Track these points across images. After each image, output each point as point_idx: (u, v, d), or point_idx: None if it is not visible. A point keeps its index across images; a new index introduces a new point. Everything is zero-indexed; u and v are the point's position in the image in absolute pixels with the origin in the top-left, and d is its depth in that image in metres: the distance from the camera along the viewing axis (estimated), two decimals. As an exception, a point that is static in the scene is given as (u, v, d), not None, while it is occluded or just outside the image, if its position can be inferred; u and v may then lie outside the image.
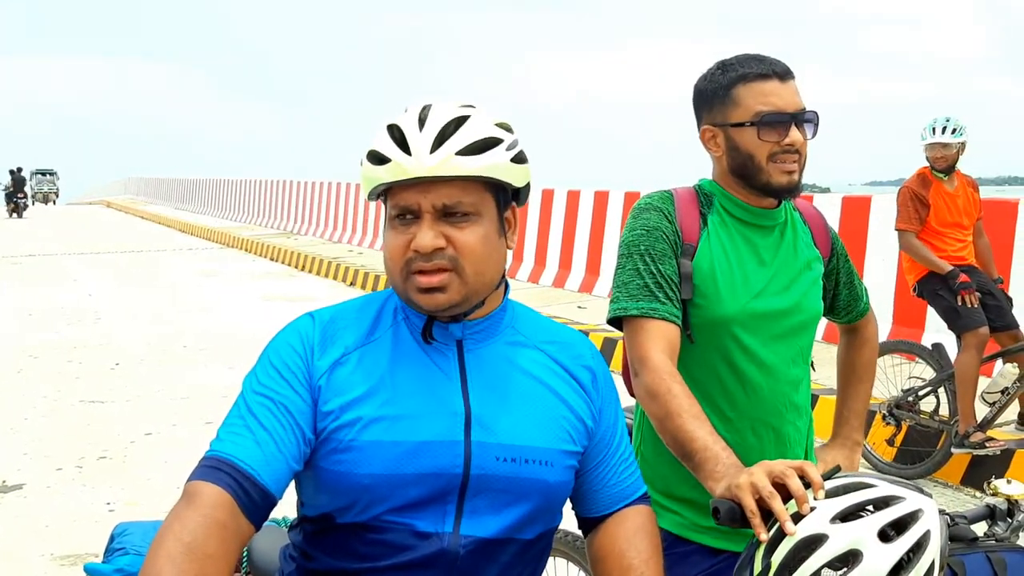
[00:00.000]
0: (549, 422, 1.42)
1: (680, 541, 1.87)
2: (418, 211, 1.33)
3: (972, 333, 4.74)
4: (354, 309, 1.46)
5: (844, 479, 1.35)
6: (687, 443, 1.57)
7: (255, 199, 25.89)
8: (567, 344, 1.50)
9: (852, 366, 2.18)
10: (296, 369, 1.36)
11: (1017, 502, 1.73)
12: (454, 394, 1.39)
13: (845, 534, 1.25)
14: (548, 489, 1.40)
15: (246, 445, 1.29)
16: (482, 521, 1.36)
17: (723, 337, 1.83)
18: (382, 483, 1.32)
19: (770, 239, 1.89)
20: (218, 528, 1.21)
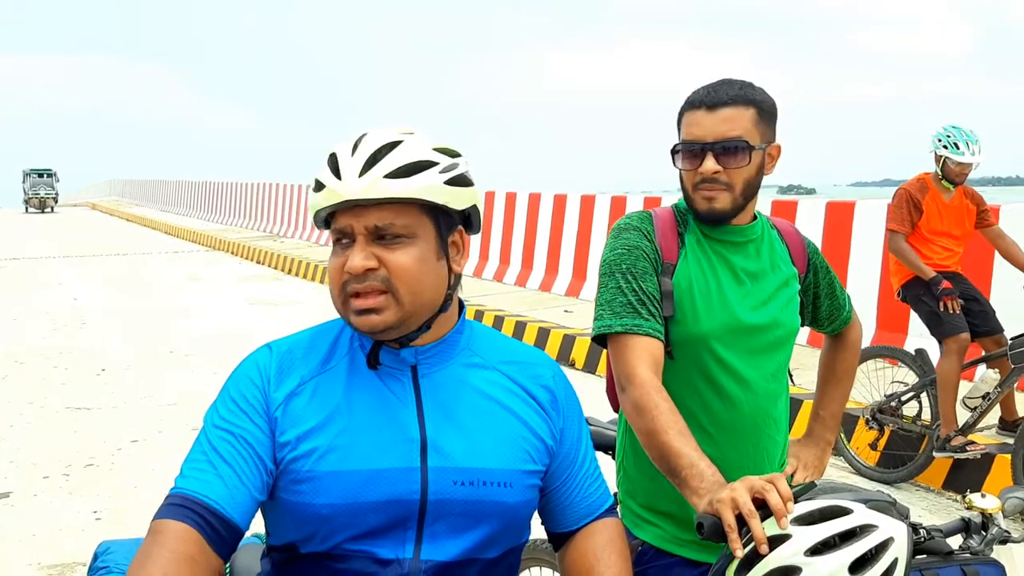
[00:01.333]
0: (507, 443, 1.43)
1: (662, 554, 1.91)
2: (352, 234, 1.36)
3: (953, 338, 4.80)
4: (310, 338, 1.47)
5: (822, 502, 1.38)
6: (673, 459, 1.60)
7: (241, 202, 25.81)
8: (526, 364, 1.51)
9: (833, 369, 2.24)
10: (254, 401, 1.38)
11: (991, 515, 1.77)
12: (409, 420, 1.40)
13: (819, 568, 1.31)
14: (508, 510, 1.41)
15: (209, 480, 1.31)
16: (442, 545, 1.37)
17: (702, 353, 1.87)
18: (340, 512, 1.34)
19: (746, 256, 1.92)
20: (188, 562, 1.24)
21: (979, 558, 1.64)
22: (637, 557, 1.93)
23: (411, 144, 1.38)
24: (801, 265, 2.03)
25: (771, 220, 2.05)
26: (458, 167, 1.40)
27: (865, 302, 7.53)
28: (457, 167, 1.40)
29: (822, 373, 2.26)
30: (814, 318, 2.14)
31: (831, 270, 2.14)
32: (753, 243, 1.94)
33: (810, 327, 2.18)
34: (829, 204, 8.29)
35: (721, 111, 1.81)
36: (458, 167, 1.40)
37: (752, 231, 1.93)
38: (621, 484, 2.02)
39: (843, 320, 2.17)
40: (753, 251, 1.93)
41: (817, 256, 2.09)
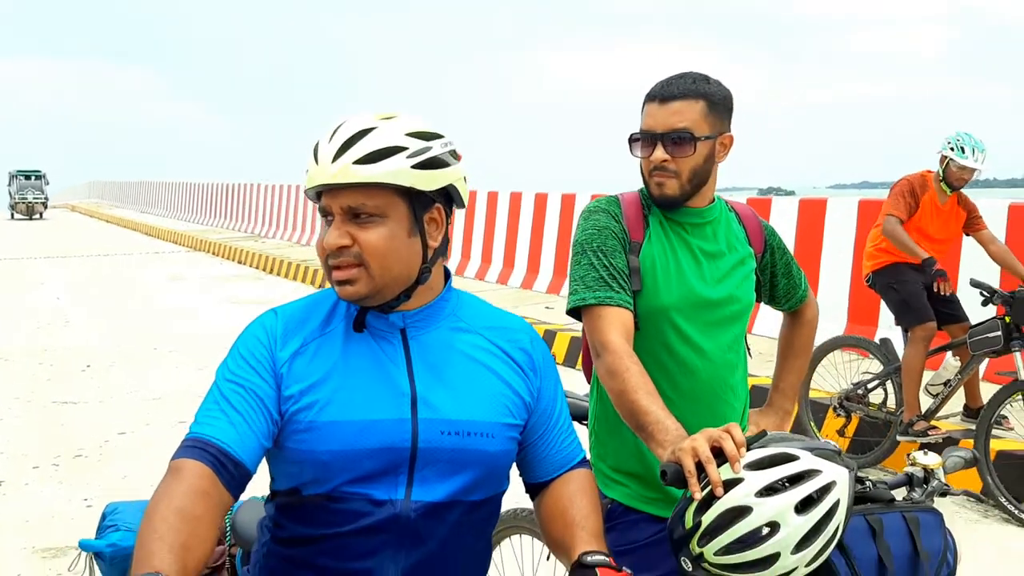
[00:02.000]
0: (489, 399, 1.57)
1: (629, 511, 2.06)
2: (331, 213, 1.50)
3: (920, 327, 4.99)
4: (311, 304, 1.62)
5: (772, 449, 1.53)
6: (641, 416, 1.76)
7: (222, 202, 25.83)
8: (506, 329, 1.65)
9: (791, 344, 2.40)
10: (262, 358, 1.52)
11: (933, 471, 1.94)
12: (400, 377, 1.54)
13: (767, 507, 1.46)
14: (490, 458, 1.55)
15: (222, 426, 1.45)
16: (431, 488, 1.51)
17: (664, 324, 2.02)
18: (339, 458, 1.48)
19: (703, 237, 2.07)
20: (203, 495, 1.37)
21: (918, 506, 1.79)
22: (607, 515, 2.08)
23: (384, 130, 1.50)
24: (758, 246, 2.18)
25: (730, 204, 2.20)
26: (430, 150, 1.52)
27: (837, 295, 7.74)
28: (429, 150, 1.52)
29: (781, 348, 2.42)
30: (772, 296, 2.29)
31: (788, 251, 2.29)
32: (710, 225, 2.09)
33: (768, 304, 2.33)
34: (802, 202, 8.50)
35: (671, 104, 1.95)
36: (430, 150, 1.52)
37: (709, 214, 2.08)
38: (593, 448, 2.17)
39: (799, 298, 2.32)
40: (710, 232, 2.08)
41: (774, 238, 2.24)
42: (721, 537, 1.47)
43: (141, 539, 1.31)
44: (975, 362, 4.95)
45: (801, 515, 1.46)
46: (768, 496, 1.47)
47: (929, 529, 1.74)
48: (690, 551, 1.51)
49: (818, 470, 1.50)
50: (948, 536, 1.78)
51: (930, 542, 1.73)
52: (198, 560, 1.32)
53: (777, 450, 1.53)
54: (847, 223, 7.86)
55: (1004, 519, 4.54)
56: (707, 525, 1.48)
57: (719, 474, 1.49)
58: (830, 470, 1.51)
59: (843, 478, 1.51)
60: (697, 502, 1.50)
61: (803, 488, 1.47)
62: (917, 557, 1.70)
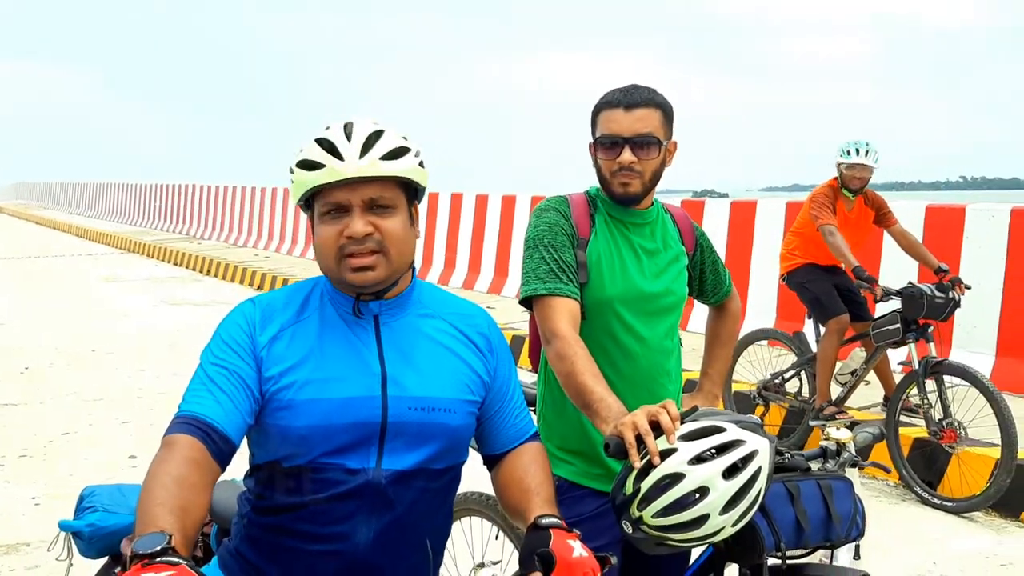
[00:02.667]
0: (451, 377, 1.74)
1: (575, 487, 2.24)
2: (348, 206, 1.64)
3: (834, 320, 5.33)
4: (288, 294, 1.76)
5: (703, 422, 1.74)
6: (587, 395, 1.95)
7: (155, 204, 25.46)
8: (466, 315, 1.83)
9: (717, 334, 2.61)
10: (243, 342, 1.66)
11: (844, 444, 2.17)
12: (372, 359, 1.69)
13: (699, 474, 1.66)
14: (452, 431, 1.72)
15: (209, 404, 1.59)
16: (399, 457, 1.67)
17: (608, 314, 2.21)
18: (317, 432, 1.63)
19: (644, 236, 2.26)
20: (196, 464, 1.52)
21: (832, 474, 2.04)
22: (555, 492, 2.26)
23: (391, 133, 1.69)
24: (690, 244, 2.39)
25: (665, 206, 2.40)
26: (421, 153, 1.74)
27: (767, 292, 8.07)
28: (420, 153, 1.74)
29: (708, 338, 2.63)
30: (700, 291, 2.50)
31: (714, 250, 2.51)
32: (650, 225, 2.29)
33: (697, 299, 2.54)
34: (733, 204, 8.82)
35: (636, 111, 2.14)
36: (421, 153, 1.74)
37: (649, 215, 2.29)
38: (541, 429, 2.34)
39: (724, 293, 2.54)
40: (649, 232, 2.28)
41: (703, 238, 2.46)
42: (658, 501, 1.66)
43: (142, 505, 1.44)
44: (879, 352, 5.30)
45: (728, 480, 1.65)
46: (699, 464, 1.66)
47: (841, 495, 1.98)
48: (630, 515, 1.70)
49: (743, 440, 1.70)
50: (857, 501, 2.01)
51: (842, 506, 1.96)
52: (195, 522, 1.46)
53: (707, 423, 1.72)
54: (775, 224, 8.19)
55: (919, 502, 4.85)
56: (645, 491, 1.67)
57: (656, 445, 1.68)
58: (753, 440, 1.71)
59: (765, 447, 1.71)
60: (637, 470, 1.69)
61: (730, 456, 1.67)
62: (830, 519, 1.93)
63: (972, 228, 6.81)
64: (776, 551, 1.85)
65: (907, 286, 5.01)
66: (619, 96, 2.17)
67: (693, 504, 1.65)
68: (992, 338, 6.51)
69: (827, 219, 5.28)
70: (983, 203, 7.04)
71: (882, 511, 4.72)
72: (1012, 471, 4.47)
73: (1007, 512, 4.64)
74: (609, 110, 2.17)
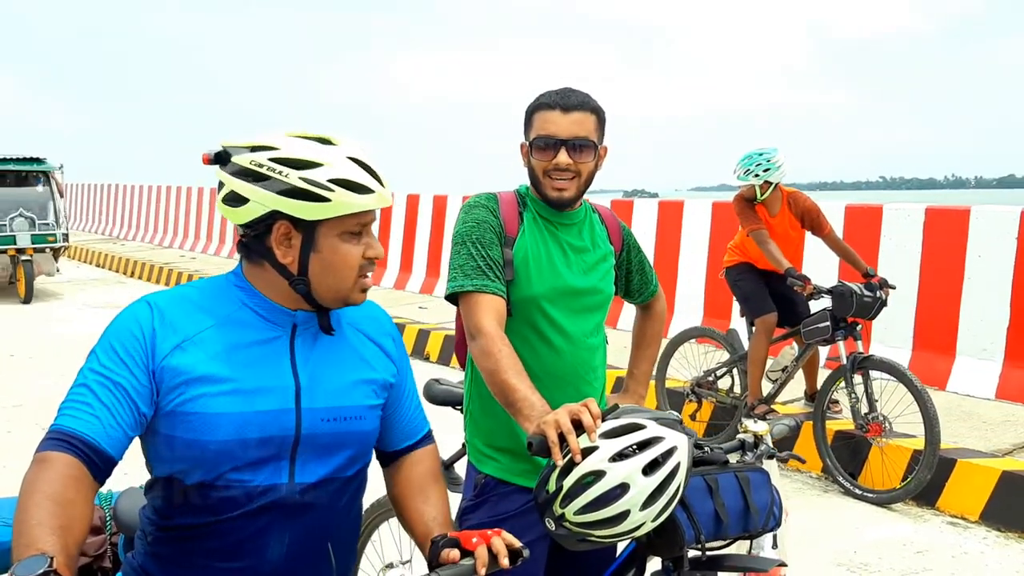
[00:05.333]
0: (361, 385, 1.72)
1: (502, 483, 2.26)
2: (369, 227, 1.66)
3: (762, 319, 5.45)
4: (193, 295, 1.65)
5: (623, 420, 1.76)
6: (510, 393, 1.96)
7: (76, 204, 24.73)
8: (373, 319, 1.82)
9: (643, 335, 2.64)
10: (133, 352, 1.56)
11: (761, 437, 2.24)
12: (286, 370, 1.64)
13: (619, 471, 1.68)
14: (364, 437, 1.72)
15: (86, 419, 1.50)
16: (311, 469, 1.64)
17: (534, 311, 2.23)
18: (228, 447, 1.56)
19: (572, 234, 2.29)
20: (73, 481, 1.45)
21: (749, 466, 2.09)
22: (481, 489, 2.28)
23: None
24: (617, 244, 2.43)
25: (593, 205, 2.43)
26: None
27: (694, 290, 8.22)
28: None
29: (635, 340, 2.66)
30: (626, 290, 2.53)
31: (641, 250, 2.54)
32: (578, 224, 2.32)
33: (624, 298, 2.57)
34: (661, 203, 8.95)
35: (573, 114, 2.17)
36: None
37: (578, 215, 2.32)
38: (468, 427, 2.37)
39: (650, 293, 2.58)
40: (577, 231, 2.31)
41: (630, 238, 2.49)
42: (580, 499, 1.68)
43: (19, 528, 1.37)
44: (808, 350, 5.43)
45: (648, 477, 1.69)
46: (619, 461, 1.69)
47: (758, 486, 2.03)
48: (553, 512, 1.72)
49: (662, 437, 1.73)
50: (774, 492, 2.06)
51: (759, 497, 2.01)
52: (77, 540, 1.41)
53: (627, 420, 1.75)
54: (702, 223, 8.34)
55: (842, 492, 4.99)
56: (567, 488, 1.69)
57: (578, 443, 1.70)
58: (672, 437, 1.74)
59: (683, 444, 1.75)
60: (559, 468, 1.71)
61: (649, 453, 1.71)
62: (748, 511, 1.98)
63: (889, 227, 7.03)
64: (696, 543, 1.88)
65: (837, 284, 5.14)
66: (556, 98, 2.19)
67: (614, 500, 1.67)
68: (908, 333, 6.74)
69: (754, 225, 5.37)
70: (900, 203, 7.27)
71: (805, 501, 4.85)
72: (933, 467, 4.63)
73: (924, 501, 4.80)
74: (546, 111, 2.19)
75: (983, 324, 6.39)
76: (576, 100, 2.18)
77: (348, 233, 1.63)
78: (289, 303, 1.66)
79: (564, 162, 2.16)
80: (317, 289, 1.64)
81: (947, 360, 6.51)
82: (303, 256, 1.61)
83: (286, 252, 1.62)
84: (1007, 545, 4.34)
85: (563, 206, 2.24)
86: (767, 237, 5.32)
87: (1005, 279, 6.31)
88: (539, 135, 2.19)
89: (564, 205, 2.23)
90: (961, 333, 6.50)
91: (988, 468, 4.67)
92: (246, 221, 1.61)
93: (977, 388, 6.25)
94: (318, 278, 1.63)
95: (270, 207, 1.58)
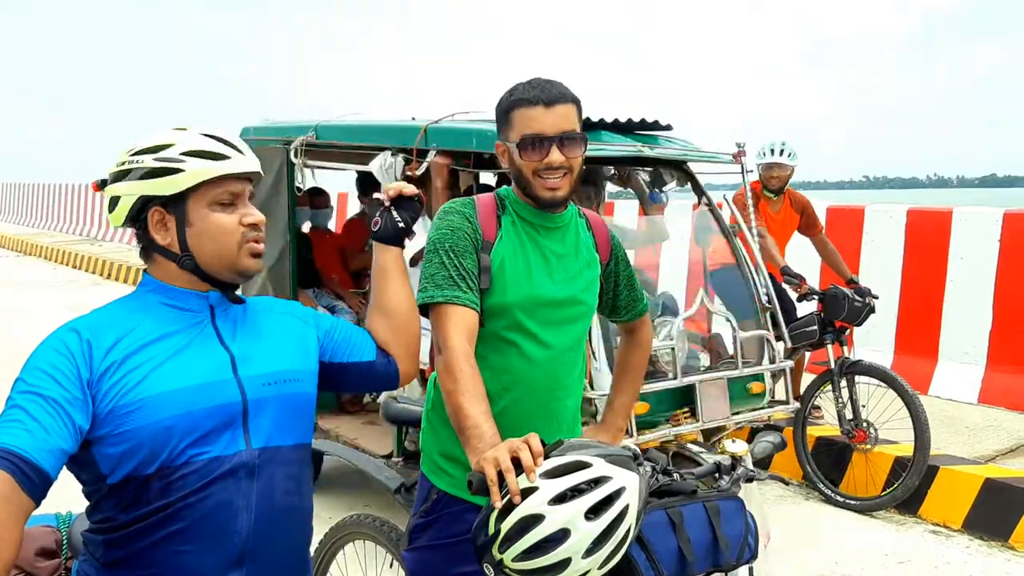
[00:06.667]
0: (292, 349, 1.80)
1: (455, 500, 2.13)
2: (241, 195, 1.72)
3: None
4: (113, 308, 1.71)
5: (567, 458, 1.59)
6: (463, 418, 1.84)
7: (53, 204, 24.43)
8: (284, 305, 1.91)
9: (626, 365, 2.47)
10: (62, 367, 1.56)
11: (740, 458, 2.09)
12: (215, 346, 1.70)
13: (558, 515, 1.51)
14: (307, 400, 1.79)
15: (18, 434, 1.48)
16: (266, 435, 1.69)
17: (509, 320, 2.09)
18: (180, 422, 1.59)
19: (554, 239, 2.15)
20: (5, 501, 1.42)
21: (720, 494, 1.91)
22: (433, 505, 2.16)
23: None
24: (604, 253, 2.27)
25: (581, 210, 2.28)
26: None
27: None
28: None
29: (617, 368, 2.50)
30: (613, 306, 2.36)
31: (631, 265, 2.37)
32: (561, 229, 2.17)
33: (610, 316, 2.40)
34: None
35: (558, 107, 2.03)
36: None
37: (562, 219, 2.17)
38: (424, 434, 2.24)
39: (639, 311, 2.40)
40: (560, 236, 2.17)
41: (620, 249, 2.33)
42: (518, 543, 1.52)
43: None
44: (796, 354, 5.33)
45: (591, 521, 1.52)
46: (559, 504, 1.52)
47: (729, 516, 1.86)
48: (492, 557, 1.56)
49: (609, 476, 1.56)
50: (749, 520, 1.90)
51: (730, 528, 1.85)
52: (5, 563, 1.37)
53: (572, 458, 1.58)
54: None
55: (822, 500, 4.92)
56: (506, 532, 1.53)
57: (517, 483, 1.54)
58: (620, 476, 1.58)
59: (633, 483, 1.58)
60: (498, 510, 1.55)
61: (594, 495, 1.54)
62: (717, 544, 1.82)
63: (871, 228, 6.97)
64: None
65: (830, 287, 5.08)
66: (536, 93, 2.04)
67: (554, 547, 1.51)
68: (890, 336, 6.68)
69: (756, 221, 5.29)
70: (881, 204, 7.21)
71: (785, 510, 4.78)
72: (922, 473, 4.56)
73: (906, 509, 4.74)
74: (527, 108, 2.04)
75: (965, 327, 6.33)
76: (557, 92, 2.05)
77: (217, 204, 1.70)
78: (198, 287, 1.73)
79: (558, 160, 2.03)
80: (202, 261, 1.70)
81: (929, 364, 6.45)
82: (180, 234, 1.69)
83: (165, 235, 1.70)
84: (990, 554, 4.27)
85: (555, 206, 2.11)
86: (767, 233, 5.27)
87: (987, 281, 6.26)
88: (526, 134, 2.04)
89: (557, 205, 2.10)
90: (943, 337, 6.45)
91: (971, 475, 4.61)
92: (123, 218, 1.71)
93: (959, 392, 6.20)
94: (198, 250, 1.70)
95: (136, 194, 1.68)
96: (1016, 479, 4.53)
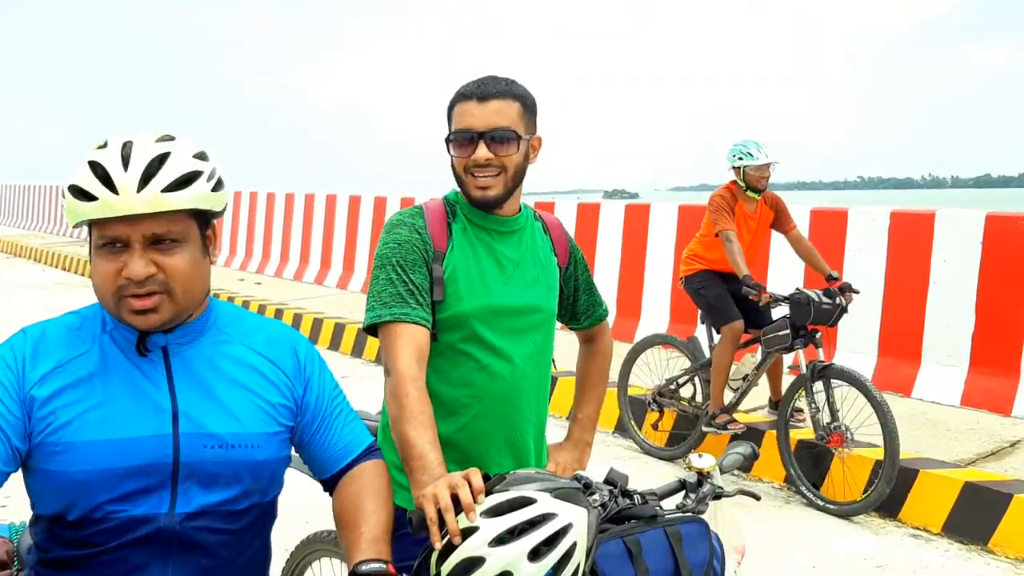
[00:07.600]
0: (253, 409, 1.60)
1: None
2: (128, 241, 1.47)
3: (728, 327, 5.32)
4: (64, 324, 1.59)
5: (510, 494, 1.52)
6: (407, 447, 1.77)
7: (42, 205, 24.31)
8: (271, 337, 1.69)
9: (588, 375, 2.39)
10: (6, 382, 1.50)
11: (708, 474, 1.95)
12: (161, 394, 1.54)
13: (500, 557, 1.44)
14: (257, 466, 1.59)
15: None
16: (195, 499, 1.54)
17: (465, 331, 2.01)
18: (96, 478, 1.48)
19: (509, 244, 2.08)
20: None
21: (684, 517, 1.78)
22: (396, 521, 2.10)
23: (178, 155, 1.51)
24: (563, 257, 2.21)
25: (537, 213, 2.22)
26: (216, 172, 1.56)
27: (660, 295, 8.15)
28: (216, 172, 1.56)
29: (579, 380, 2.41)
30: (572, 312, 2.30)
31: (588, 268, 2.32)
32: (516, 233, 2.10)
33: (569, 323, 2.33)
34: (628, 207, 8.85)
35: (490, 103, 1.97)
36: (216, 172, 1.56)
37: (516, 222, 2.10)
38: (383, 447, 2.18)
39: (599, 317, 2.33)
40: (516, 240, 2.10)
41: (578, 252, 2.27)
42: None
43: None
44: (769, 358, 5.34)
45: (534, 562, 1.45)
46: (501, 545, 1.45)
47: (692, 540, 1.74)
48: None
49: (554, 514, 1.49)
50: (715, 543, 1.78)
51: (693, 554, 1.72)
52: None
53: (515, 494, 1.52)
54: (668, 227, 8.24)
55: (804, 504, 4.92)
56: (447, 574, 1.47)
57: (457, 523, 1.48)
58: (567, 512, 1.50)
59: (580, 519, 1.51)
60: (439, 551, 1.49)
61: (537, 534, 1.47)
62: (679, 573, 1.69)
63: (854, 231, 6.97)
64: None
65: (794, 292, 5.07)
66: (472, 88, 2.00)
67: None
68: (874, 339, 6.68)
69: (725, 224, 5.29)
70: (865, 206, 7.20)
71: (767, 514, 4.78)
72: (892, 480, 4.56)
73: (886, 513, 4.74)
74: (463, 103, 2.00)
75: (948, 330, 6.33)
76: (495, 88, 1.99)
77: (101, 247, 1.50)
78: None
79: (483, 157, 1.96)
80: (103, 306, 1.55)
81: (912, 367, 6.46)
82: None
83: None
84: (969, 559, 4.28)
85: (489, 206, 2.03)
86: (735, 238, 5.24)
87: (970, 284, 6.27)
88: (456, 129, 1.99)
89: (491, 205, 2.02)
90: (926, 339, 6.45)
91: (950, 479, 4.61)
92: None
93: (942, 395, 6.20)
94: (95, 294, 1.54)
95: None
96: (996, 482, 4.54)
